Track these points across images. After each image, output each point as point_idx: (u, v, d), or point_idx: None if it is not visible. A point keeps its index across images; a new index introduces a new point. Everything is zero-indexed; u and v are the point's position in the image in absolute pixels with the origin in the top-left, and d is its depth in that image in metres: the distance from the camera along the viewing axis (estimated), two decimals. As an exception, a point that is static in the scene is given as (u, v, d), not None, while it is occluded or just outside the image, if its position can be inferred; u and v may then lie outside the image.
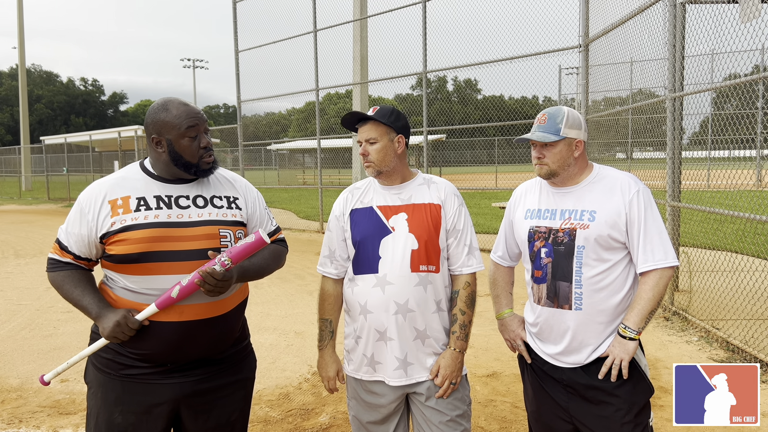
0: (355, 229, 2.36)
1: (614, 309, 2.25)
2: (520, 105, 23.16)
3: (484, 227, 12.44)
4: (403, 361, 2.30)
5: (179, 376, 2.14)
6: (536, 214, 2.38)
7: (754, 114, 18.83)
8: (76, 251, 2.12)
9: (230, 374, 2.27)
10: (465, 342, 2.37)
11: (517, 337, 2.51)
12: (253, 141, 17.54)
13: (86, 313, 2.10)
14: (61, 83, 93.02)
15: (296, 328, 5.90)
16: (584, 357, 2.28)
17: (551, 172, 2.29)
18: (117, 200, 2.09)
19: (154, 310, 2.03)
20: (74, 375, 4.60)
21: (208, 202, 2.19)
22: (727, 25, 5.13)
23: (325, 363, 2.45)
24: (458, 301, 2.36)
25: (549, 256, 2.29)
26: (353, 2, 14.13)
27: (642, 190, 2.25)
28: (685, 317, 5.75)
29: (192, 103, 2.17)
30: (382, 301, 2.28)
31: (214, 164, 2.22)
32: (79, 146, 29.29)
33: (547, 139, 2.25)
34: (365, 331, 2.33)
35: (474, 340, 5.23)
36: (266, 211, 2.39)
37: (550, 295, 2.30)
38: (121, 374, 2.12)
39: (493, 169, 30.05)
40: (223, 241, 2.13)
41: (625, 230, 2.22)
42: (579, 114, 2.33)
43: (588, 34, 8.17)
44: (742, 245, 8.74)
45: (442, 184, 2.42)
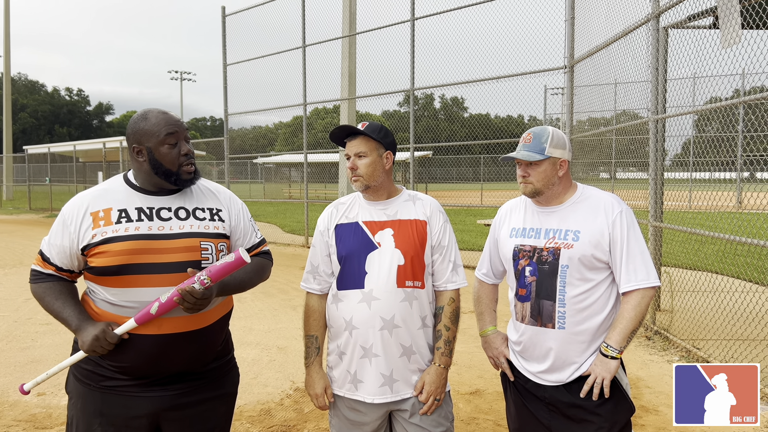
0: (341, 244, 2.35)
1: (597, 328, 2.27)
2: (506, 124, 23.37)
3: (469, 244, 12.48)
4: (388, 378, 2.29)
5: (159, 390, 2.12)
6: (521, 232, 2.40)
7: (734, 137, 19.16)
8: (58, 263, 2.11)
9: (212, 389, 2.24)
10: (449, 358, 2.37)
11: (500, 354, 2.52)
12: (239, 154, 17.50)
13: (66, 325, 2.07)
14: (46, 92, 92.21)
15: (279, 343, 5.85)
16: (567, 375, 2.29)
17: (536, 190, 2.32)
18: (99, 212, 2.08)
19: (133, 324, 2.01)
20: (51, 389, 4.52)
21: (190, 214, 2.17)
22: (708, 50, 5.24)
23: (312, 380, 2.42)
24: (443, 317, 2.37)
25: (533, 275, 2.31)
26: (342, 19, 14.24)
27: (625, 210, 2.28)
28: (666, 337, 5.80)
29: (172, 113, 2.17)
30: (368, 316, 2.27)
31: (196, 173, 2.21)
32: (62, 156, 29.00)
33: (531, 158, 2.28)
34: (350, 347, 2.32)
35: (457, 357, 5.22)
36: (251, 222, 2.38)
37: (533, 314, 2.32)
38: (101, 386, 2.10)
39: (478, 187, 30.23)
40: (204, 253, 2.12)
41: (608, 250, 2.24)
42: (563, 134, 2.37)
43: (573, 56, 8.30)
44: (723, 266, 8.85)
45: (427, 200, 2.44)
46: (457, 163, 35.66)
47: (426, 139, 13.33)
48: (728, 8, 4.43)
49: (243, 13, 14.24)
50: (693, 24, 5.65)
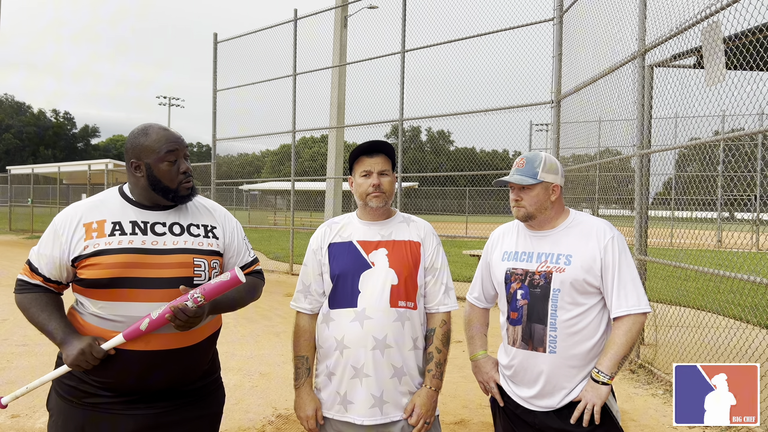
0: (334, 262, 2.34)
1: (588, 353, 2.27)
2: (491, 158, 23.61)
3: (455, 275, 12.35)
4: (378, 399, 2.26)
5: (144, 407, 2.06)
6: (513, 256, 2.41)
7: (714, 177, 19.52)
8: (46, 273, 2.07)
9: (197, 408, 2.20)
10: (440, 381, 2.36)
11: (490, 379, 2.50)
12: (225, 180, 17.46)
13: (51, 338, 2.02)
14: (32, 114, 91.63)
15: (261, 369, 5.76)
16: (557, 401, 2.28)
17: (528, 214, 2.34)
18: (92, 224, 2.05)
19: (121, 340, 1.97)
20: (26, 410, 4.39)
21: (185, 230, 2.16)
22: (691, 89, 5.38)
23: (302, 402, 2.38)
24: (434, 339, 2.35)
25: (525, 298, 2.31)
26: (333, 48, 14.42)
27: (617, 236, 2.31)
28: (650, 370, 5.80)
29: (173, 129, 2.17)
30: (360, 336, 2.25)
31: (193, 191, 2.20)
32: (46, 177, 28.72)
33: (524, 182, 2.31)
34: (340, 367, 2.29)
35: (443, 386, 5.17)
36: (245, 241, 2.37)
37: (525, 338, 2.32)
38: (83, 403, 2.04)
39: (463, 219, 30.36)
40: (196, 270, 2.10)
41: (599, 275, 2.26)
42: (556, 159, 2.40)
43: (560, 91, 8.46)
44: (705, 302, 8.92)
45: (421, 223, 2.46)
46: (443, 195, 35.87)
47: (413, 170, 13.43)
48: (713, 48, 4.56)
49: (235, 40, 14.38)
50: (678, 63, 5.80)
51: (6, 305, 8.61)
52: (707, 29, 4.56)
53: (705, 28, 4.60)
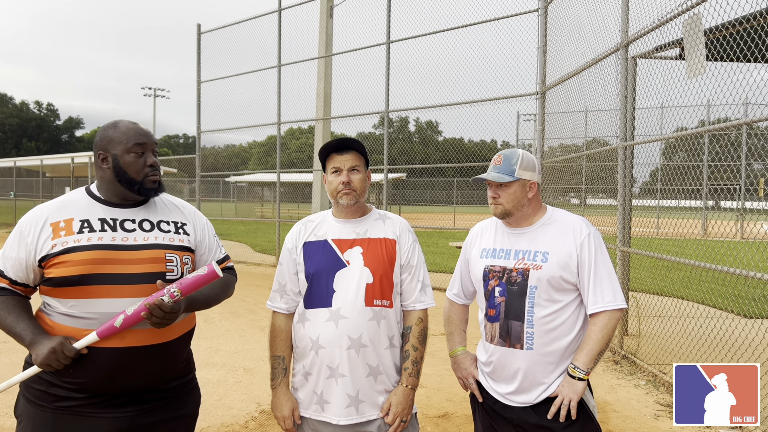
0: (309, 262, 2.32)
1: (564, 349, 2.28)
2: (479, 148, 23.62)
3: (441, 266, 12.49)
4: (354, 398, 2.25)
5: (117, 410, 2.03)
6: (491, 253, 2.41)
7: (699, 166, 19.67)
8: (13, 276, 2.03)
9: (172, 409, 2.17)
10: (417, 379, 2.34)
11: (469, 375, 2.51)
12: (211, 172, 17.34)
13: (20, 339, 1.98)
14: (15, 105, 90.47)
15: (246, 365, 5.74)
16: (534, 396, 2.29)
17: (505, 211, 2.34)
18: (59, 222, 2.02)
19: (94, 338, 1.93)
20: (3, 408, 4.34)
21: (155, 226, 2.14)
22: (675, 80, 5.39)
23: (279, 402, 2.35)
24: (410, 336, 2.34)
25: (502, 295, 2.32)
26: (318, 39, 14.31)
27: (593, 233, 2.31)
28: (633, 361, 5.84)
29: (142, 125, 2.16)
30: (335, 335, 2.23)
31: (160, 185, 2.18)
32: (29, 170, 28.42)
33: (501, 180, 2.31)
34: (316, 367, 2.28)
35: (426, 379, 5.17)
36: (215, 238, 2.36)
37: (502, 334, 2.32)
38: (54, 407, 2.00)
39: (451, 210, 30.42)
40: (169, 265, 2.08)
41: (575, 272, 2.27)
42: (534, 157, 2.40)
43: (545, 82, 8.45)
44: (689, 292, 9.00)
45: (396, 219, 2.43)
46: (431, 186, 35.90)
47: (400, 161, 13.40)
48: (694, 40, 4.56)
49: (218, 31, 14.23)
50: (660, 54, 5.80)
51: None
52: (688, 21, 4.55)
53: (686, 20, 4.60)
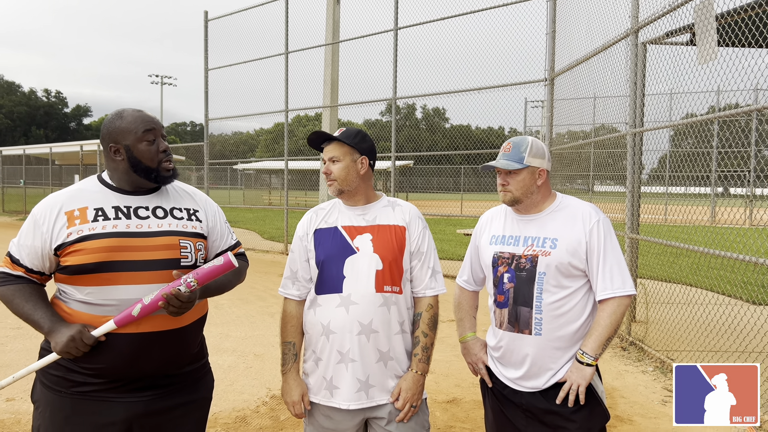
0: (319, 248, 2.35)
1: (573, 335, 2.30)
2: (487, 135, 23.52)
3: (448, 253, 12.51)
4: (364, 383, 2.28)
5: (133, 395, 2.07)
6: (500, 240, 2.43)
7: (709, 153, 19.53)
8: (29, 264, 2.06)
9: (186, 394, 2.21)
10: (427, 365, 2.37)
11: (479, 360, 2.54)
12: (219, 160, 17.38)
13: (38, 327, 2.02)
14: (23, 93, 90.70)
15: (256, 350, 5.80)
16: (543, 382, 2.32)
17: (514, 199, 2.36)
18: (74, 211, 2.05)
19: (112, 326, 1.97)
20: (21, 394, 4.42)
21: (168, 213, 2.17)
22: (685, 66, 5.35)
23: (289, 387, 2.38)
24: (420, 323, 2.36)
25: (511, 282, 2.34)
26: (326, 26, 14.25)
27: (602, 219, 2.32)
28: (641, 347, 5.86)
29: (147, 110, 2.17)
30: (345, 321, 2.26)
31: (175, 171, 2.20)
32: (38, 158, 28.54)
33: (510, 167, 2.33)
34: (326, 352, 2.31)
35: (435, 365, 5.21)
36: (226, 225, 2.39)
37: (511, 320, 2.35)
38: (72, 392, 2.04)
39: (458, 197, 30.38)
40: (183, 251, 2.11)
41: (584, 258, 2.28)
42: (543, 144, 2.41)
43: (554, 69, 8.40)
44: (697, 279, 8.99)
45: (406, 206, 2.45)
46: (438, 173, 35.82)
47: (408, 148, 13.39)
48: (705, 25, 4.53)
49: (226, 18, 14.20)
50: (671, 40, 5.76)
51: (0, 288, 8.62)
52: (700, 7, 4.52)
53: (697, 6, 4.56)
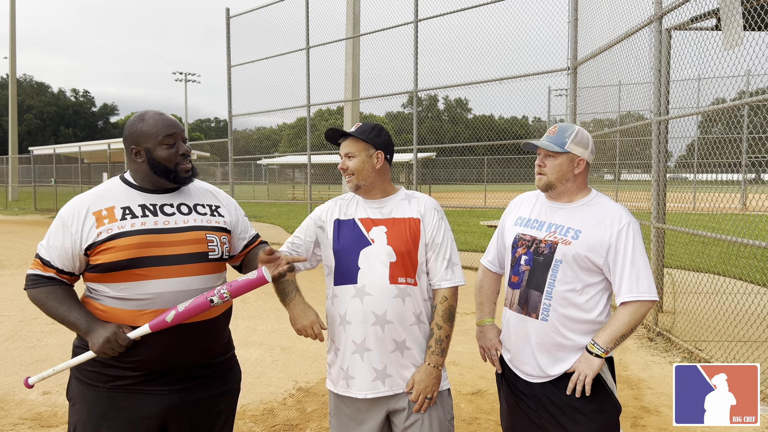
0: (337, 238, 2.40)
1: (579, 328, 2.29)
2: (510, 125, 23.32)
3: (471, 245, 12.48)
4: (381, 372, 2.32)
5: (168, 386, 2.14)
6: (525, 222, 2.45)
7: (739, 139, 19.11)
8: (59, 265, 2.11)
9: (217, 385, 2.28)
10: (440, 357, 2.35)
11: (492, 347, 2.56)
12: (243, 155, 17.55)
13: (74, 328, 2.08)
14: (52, 94, 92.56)
15: (282, 344, 5.88)
16: (544, 366, 2.32)
17: (549, 182, 2.36)
18: (101, 211, 2.11)
19: (147, 330, 2.04)
20: (57, 387, 4.55)
21: (192, 210, 2.25)
22: (712, 51, 5.25)
23: (299, 312, 2.31)
24: (435, 315, 2.38)
25: (528, 264, 2.35)
26: (346, 20, 14.26)
27: (633, 222, 2.30)
28: (668, 338, 5.80)
29: (168, 114, 2.23)
30: (360, 311, 2.31)
31: (193, 172, 2.27)
32: (67, 157, 29.12)
33: (550, 148, 2.33)
34: (343, 342, 2.36)
35: (459, 357, 5.23)
36: (245, 218, 2.48)
37: (521, 302, 2.37)
38: (109, 386, 2.10)
39: (482, 188, 30.22)
40: (210, 245, 2.20)
41: (605, 256, 2.26)
42: (589, 135, 2.39)
43: (576, 57, 8.30)
44: (726, 267, 8.84)
45: (422, 198, 2.47)
46: (461, 165, 35.67)
47: (430, 140, 13.35)
48: (730, 10, 4.44)
49: (247, 15, 14.28)
50: (696, 26, 5.66)
51: (34, 285, 8.85)
52: (725, -9, 4.43)
53: (722, -10, 4.47)
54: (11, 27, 36.29)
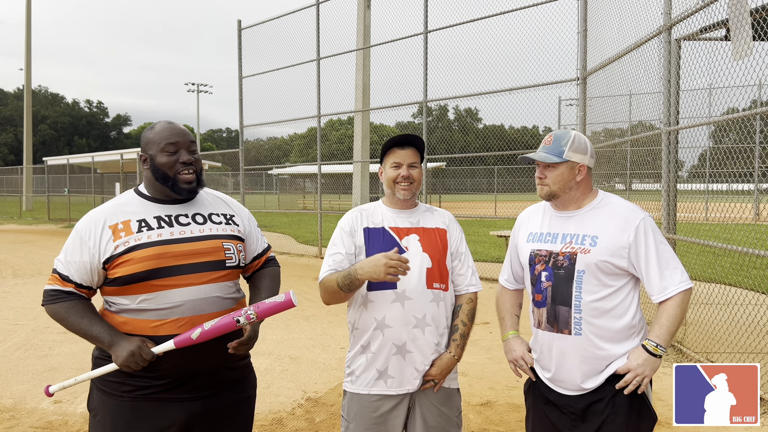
0: (370, 246, 2.44)
1: (617, 334, 2.22)
2: (521, 134, 23.31)
3: (482, 255, 12.45)
4: (421, 372, 2.42)
5: (191, 394, 2.16)
6: (538, 237, 2.39)
7: (751, 148, 18.98)
8: (78, 279, 2.12)
9: (236, 391, 2.31)
10: (462, 350, 2.49)
11: (519, 357, 2.48)
12: (254, 165, 17.66)
13: (97, 342, 2.09)
14: (66, 104, 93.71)
15: (291, 353, 5.89)
16: (587, 383, 2.25)
17: (551, 193, 2.32)
18: (117, 224, 2.14)
19: (171, 347, 2.06)
20: (68, 396, 4.59)
21: (207, 219, 2.27)
22: (722, 61, 5.23)
23: (370, 260, 2.24)
24: (461, 313, 2.51)
25: (549, 280, 2.29)
26: (356, 32, 14.37)
27: (647, 217, 2.25)
28: (680, 349, 5.75)
29: (179, 124, 2.26)
30: (401, 315, 2.37)
31: (198, 183, 2.26)
32: (81, 167, 29.42)
33: (548, 160, 2.28)
34: (380, 345, 2.40)
35: (469, 368, 5.22)
36: (258, 229, 2.51)
37: (549, 320, 2.30)
38: (133, 396, 2.12)
39: (492, 198, 30.17)
40: (227, 253, 2.22)
41: (627, 257, 2.20)
42: (587, 139, 2.34)
43: (586, 68, 8.31)
44: (738, 278, 8.76)
45: (443, 212, 2.63)
46: (472, 174, 35.64)
47: (440, 150, 13.38)
48: (740, 21, 4.44)
49: (258, 26, 14.44)
50: (705, 36, 5.65)
51: (47, 294, 8.93)
52: (733, 2, 4.43)
53: (731, 1, 4.47)
54: (27, 39, 36.86)
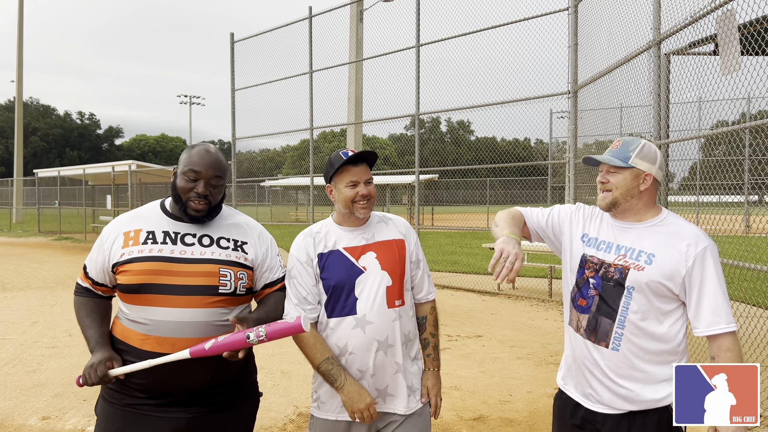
0: (327, 273, 2.34)
1: (654, 359, 2.14)
2: (512, 147, 23.43)
3: (474, 267, 12.46)
4: (382, 392, 2.35)
5: (178, 410, 2.15)
6: (593, 242, 2.27)
7: (741, 161, 19.16)
8: (94, 276, 2.25)
9: (229, 412, 2.27)
10: (438, 361, 2.52)
11: (513, 253, 2.08)
12: (246, 177, 17.64)
13: (87, 343, 2.19)
14: (58, 116, 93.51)
15: (283, 368, 5.85)
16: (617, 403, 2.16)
17: (613, 200, 2.19)
18: (130, 232, 2.21)
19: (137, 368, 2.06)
20: (56, 412, 4.53)
21: (214, 242, 2.24)
22: (711, 76, 5.29)
23: (352, 397, 2.26)
24: (427, 326, 2.51)
25: (596, 289, 2.19)
26: (349, 45, 14.44)
27: (711, 246, 2.12)
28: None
29: (216, 155, 2.23)
30: (363, 341, 2.30)
31: (210, 212, 2.23)
32: (72, 179, 29.27)
33: (613, 163, 2.16)
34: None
35: (462, 382, 5.20)
36: (278, 258, 2.40)
37: (589, 328, 2.21)
38: (123, 404, 2.17)
39: (485, 210, 30.25)
40: (222, 279, 2.18)
41: (681, 283, 2.09)
42: (657, 149, 2.22)
43: (576, 81, 8.38)
44: (730, 291, 8.78)
45: (398, 220, 2.53)
46: (464, 186, 35.76)
47: (433, 162, 13.42)
48: (728, 36, 4.49)
49: (251, 39, 14.48)
50: (694, 51, 5.71)
51: (37, 308, 8.85)
52: (722, 17, 4.48)
53: (719, 17, 4.53)
54: (18, 51, 36.79)
